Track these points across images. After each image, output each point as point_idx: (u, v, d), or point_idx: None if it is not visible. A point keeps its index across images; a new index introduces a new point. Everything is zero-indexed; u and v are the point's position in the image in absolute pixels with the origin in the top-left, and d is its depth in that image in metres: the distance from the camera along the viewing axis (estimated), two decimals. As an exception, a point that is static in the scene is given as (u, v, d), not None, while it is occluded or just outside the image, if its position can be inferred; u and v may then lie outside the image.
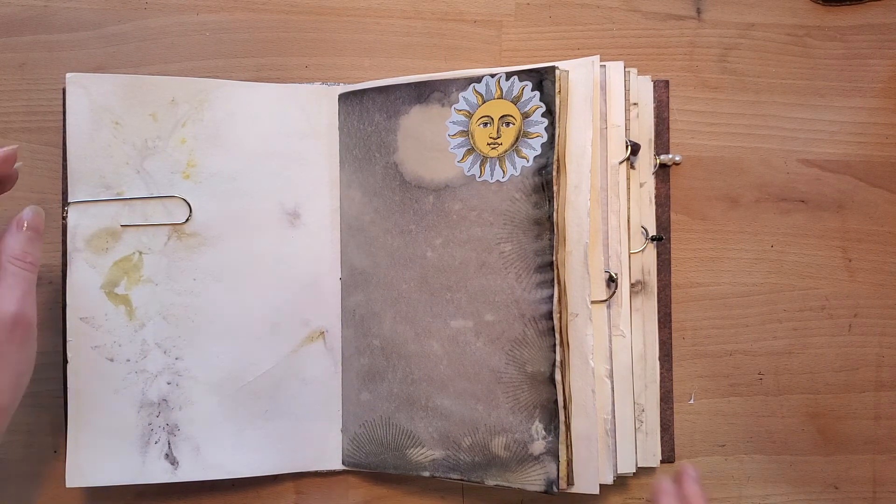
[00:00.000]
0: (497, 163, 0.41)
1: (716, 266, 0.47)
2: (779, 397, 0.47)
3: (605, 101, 0.43)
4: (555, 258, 0.40)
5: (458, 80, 0.42)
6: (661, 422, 0.45)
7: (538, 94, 0.40)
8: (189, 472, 0.42)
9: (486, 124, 0.41)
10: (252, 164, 0.44)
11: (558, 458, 0.39)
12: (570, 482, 0.40)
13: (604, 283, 0.42)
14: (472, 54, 0.47)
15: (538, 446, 0.40)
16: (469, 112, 0.42)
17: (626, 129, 0.44)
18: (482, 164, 0.41)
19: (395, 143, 0.43)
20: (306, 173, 0.45)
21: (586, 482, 0.40)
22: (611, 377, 0.42)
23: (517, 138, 0.41)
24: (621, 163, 0.43)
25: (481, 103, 0.42)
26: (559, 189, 0.40)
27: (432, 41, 0.47)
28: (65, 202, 0.43)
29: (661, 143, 0.46)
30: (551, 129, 0.40)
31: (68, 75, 0.42)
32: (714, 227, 0.47)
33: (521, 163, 0.40)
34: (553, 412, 0.40)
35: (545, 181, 0.40)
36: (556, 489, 0.40)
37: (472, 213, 0.41)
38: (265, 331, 0.44)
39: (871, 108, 0.48)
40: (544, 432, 0.40)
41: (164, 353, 0.43)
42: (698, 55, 0.47)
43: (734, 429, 0.47)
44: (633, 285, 0.44)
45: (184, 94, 0.43)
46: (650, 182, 0.45)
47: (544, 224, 0.40)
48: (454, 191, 0.42)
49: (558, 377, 0.39)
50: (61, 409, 0.43)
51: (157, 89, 0.43)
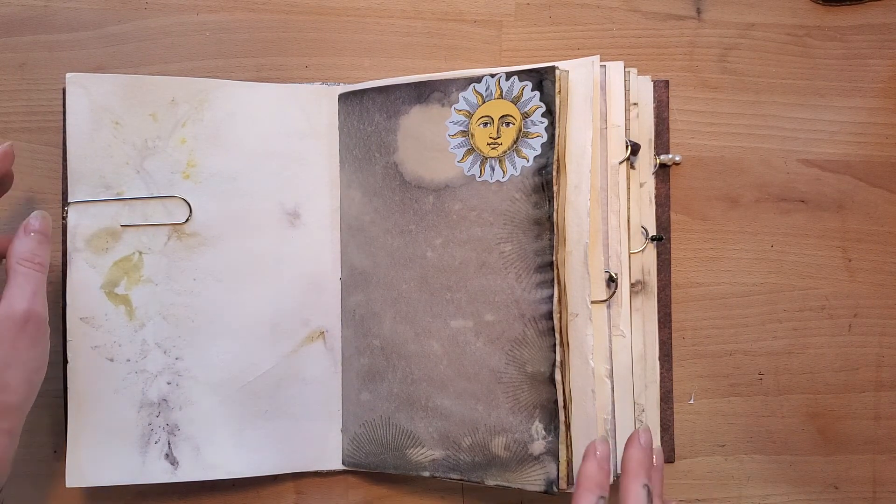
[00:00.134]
0: (497, 163, 0.41)
1: (716, 266, 0.47)
2: (779, 397, 0.47)
3: (605, 101, 0.43)
4: (555, 258, 0.40)
5: (458, 80, 0.42)
6: (661, 422, 0.45)
7: (538, 94, 0.40)
8: (189, 472, 0.42)
9: (486, 124, 0.41)
10: (252, 164, 0.44)
11: (558, 458, 0.39)
12: (570, 482, 0.40)
13: (604, 283, 0.42)
14: (472, 54, 0.47)
15: (538, 446, 0.40)
16: (469, 112, 0.42)
17: (626, 129, 0.44)
18: (482, 164, 0.41)
19: (395, 143, 0.43)
20: (306, 173, 0.45)
21: (586, 482, 0.40)
22: (611, 377, 0.42)
23: (517, 138, 0.41)
24: (621, 163, 0.43)
25: (481, 103, 0.42)
26: (559, 189, 0.40)
27: (432, 41, 0.47)
28: (65, 202, 0.43)
29: (661, 143, 0.46)
30: (551, 129, 0.40)
31: (68, 75, 0.42)
32: (714, 227, 0.47)
33: (521, 163, 0.40)
34: (553, 412, 0.40)
35: (545, 181, 0.40)
36: (556, 489, 0.40)
37: (472, 213, 0.41)
38: (265, 331, 0.44)
39: (871, 108, 0.48)
40: (544, 432, 0.40)
41: (164, 353, 0.43)
42: (698, 55, 0.47)
43: (734, 429, 0.47)
44: (633, 285, 0.44)
45: (184, 94, 0.43)
46: (650, 182, 0.45)
47: (544, 224, 0.40)
48: (454, 191, 0.42)
49: (558, 377, 0.39)
50: (61, 409, 0.43)
51: (157, 89, 0.43)
